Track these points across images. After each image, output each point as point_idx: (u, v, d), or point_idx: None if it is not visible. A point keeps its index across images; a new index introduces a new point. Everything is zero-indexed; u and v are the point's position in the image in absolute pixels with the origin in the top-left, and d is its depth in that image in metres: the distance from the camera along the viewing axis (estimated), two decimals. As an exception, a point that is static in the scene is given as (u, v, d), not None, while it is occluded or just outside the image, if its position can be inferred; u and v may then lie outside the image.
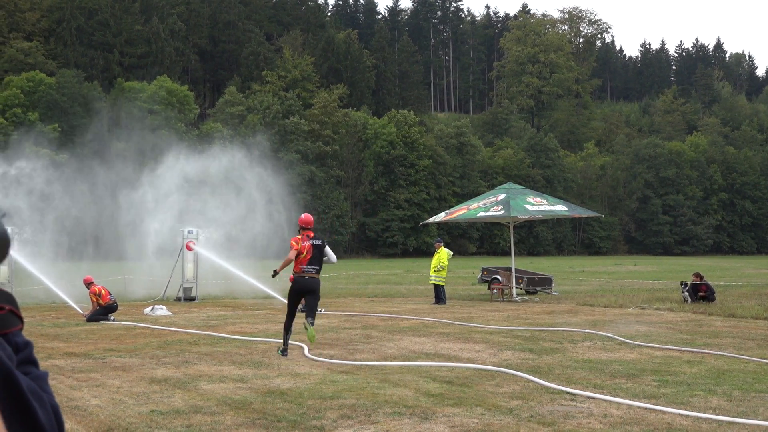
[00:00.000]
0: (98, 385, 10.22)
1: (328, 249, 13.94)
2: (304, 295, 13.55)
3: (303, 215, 14.08)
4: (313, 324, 13.15)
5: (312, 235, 13.75)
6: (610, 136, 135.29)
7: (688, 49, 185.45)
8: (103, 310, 19.43)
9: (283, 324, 13.65)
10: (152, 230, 28.96)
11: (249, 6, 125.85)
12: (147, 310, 21.44)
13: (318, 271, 13.65)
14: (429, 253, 75.46)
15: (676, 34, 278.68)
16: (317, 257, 13.65)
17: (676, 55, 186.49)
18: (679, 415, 8.51)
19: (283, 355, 13.04)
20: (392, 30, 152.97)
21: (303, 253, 13.47)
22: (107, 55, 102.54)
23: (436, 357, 12.79)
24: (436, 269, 25.10)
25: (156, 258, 29.44)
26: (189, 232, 27.19)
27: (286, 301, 14.70)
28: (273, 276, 14.12)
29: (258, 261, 29.02)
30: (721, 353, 13.23)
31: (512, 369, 11.36)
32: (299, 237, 13.65)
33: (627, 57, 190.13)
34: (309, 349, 13.43)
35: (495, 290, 27.75)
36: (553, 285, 29.54)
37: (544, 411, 8.72)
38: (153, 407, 8.88)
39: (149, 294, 28.09)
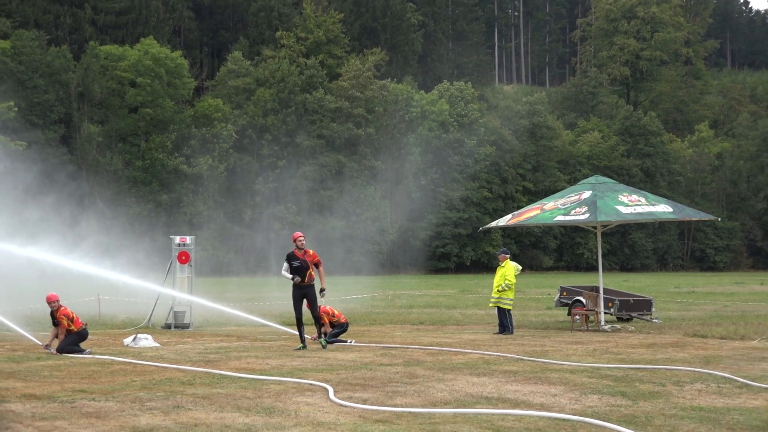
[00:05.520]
0: (66, 436, 10.32)
1: None
2: None
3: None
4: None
5: None
6: (731, 115, 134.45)
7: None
8: (76, 338, 19.64)
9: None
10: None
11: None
12: (128, 340, 21.55)
13: None
14: (491, 267, 75.35)
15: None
16: None
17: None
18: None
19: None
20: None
21: None
22: (76, 11, 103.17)
23: (500, 402, 12.79)
24: (500, 288, 25.04)
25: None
26: (180, 244, 27.33)
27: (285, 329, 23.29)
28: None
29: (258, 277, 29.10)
30: None
31: (599, 419, 11.34)
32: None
33: (753, 11, 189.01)
34: (335, 392, 13.47)
35: (577, 316, 27.60)
36: (653, 310, 29.33)
37: (640, 473, 8.71)
38: (135, 464, 8.94)
39: (130, 319, 28.28)
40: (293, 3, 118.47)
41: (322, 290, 20.69)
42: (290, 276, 20.37)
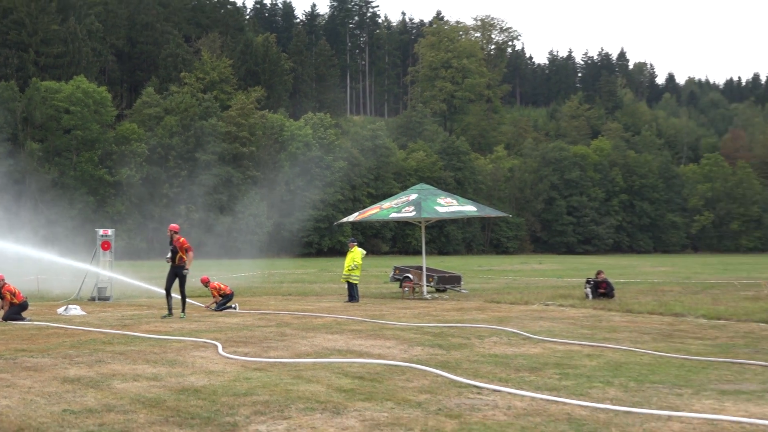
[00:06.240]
0: (8, 386, 9.93)
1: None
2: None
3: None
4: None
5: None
6: (519, 139, 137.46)
7: (593, 57, 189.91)
8: (18, 308, 18.98)
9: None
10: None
11: (167, 8, 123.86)
12: (60, 309, 20.87)
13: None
14: (343, 252, 75.61)
15: (582, 43, 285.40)
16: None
17: (582, 63, 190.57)
18: (579, 405, 8.70)
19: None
20: (310, 34, 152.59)
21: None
22: (22, 54, 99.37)
23: (349, 353, 12.79)
24: (349, 268, 25.05)
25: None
26: (103, 235, 26.80)
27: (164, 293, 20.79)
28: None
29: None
30: (619, 347, 13.55)
31: (422, 364, 11.43)
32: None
33: (535, 64, 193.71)
34: (223, 347, 13.30)
35: (406, 288, 27.82)
36: (462, 283, 29.73)
37: (451, 404, 8.80)
38: (65, 407, 8.67)
39: (63, 294, 27.41)
40: (194, 51, 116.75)
41: (183, 268, 19.91)
42: (167, 257, 20.00)
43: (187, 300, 23.14)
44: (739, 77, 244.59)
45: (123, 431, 7.62)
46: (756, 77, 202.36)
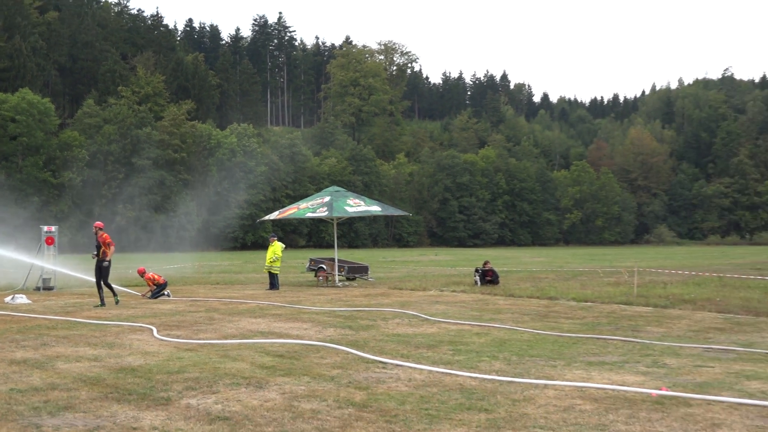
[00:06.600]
0: (-40, 368, 9.53)
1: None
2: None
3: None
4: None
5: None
6: (417, 148, 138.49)
7: (480, 78, 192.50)
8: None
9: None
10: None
11: (106, 28, 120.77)
12: (7, 299, 20.12)
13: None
14: (265, 246, 74.90)
15: (471, 66, 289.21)
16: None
17: (471, 82, 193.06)
18: (469, 377, 8.84)
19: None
20: (234, 54, 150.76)
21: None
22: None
23: (270, 335, 12.71)
24: (271, 260, 24.92)
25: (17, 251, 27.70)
26: (47, 231, 26.00)
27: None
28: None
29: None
30: (503, 326, 13.81)
31: (334, 343, 11.44)
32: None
33: (431, 83, 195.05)
34: (158, 331, 13.04)
35: (321, 277, 27.81)
36: (369, 272, 29.82)
37: (360, 378, 8.83)
38: (12, 386, 8.37)
39: (9, 284, 26.42)
40: (130, 67, 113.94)
41: (104, 260, 18.71)
42: (93, 254, 19.18)
43: (125, 289, 22.59)
44: (602, 97, 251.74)
45: (66, 407, 7.41)
46: (616, 97, 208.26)
